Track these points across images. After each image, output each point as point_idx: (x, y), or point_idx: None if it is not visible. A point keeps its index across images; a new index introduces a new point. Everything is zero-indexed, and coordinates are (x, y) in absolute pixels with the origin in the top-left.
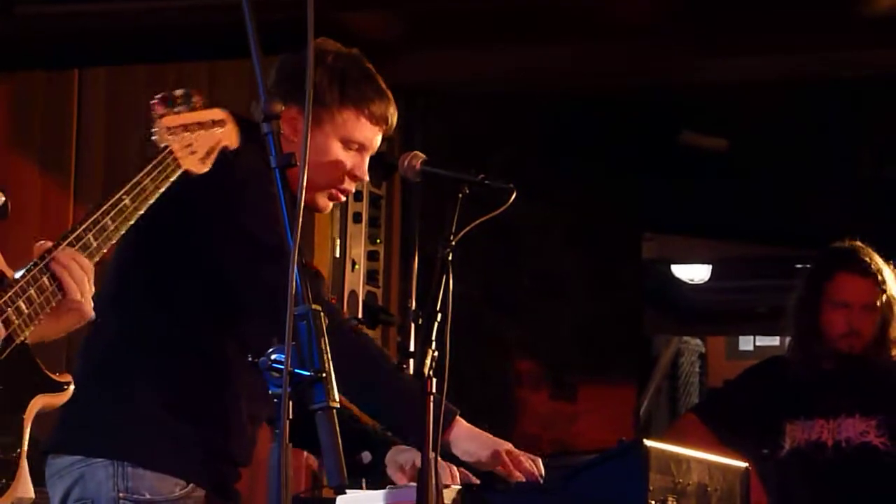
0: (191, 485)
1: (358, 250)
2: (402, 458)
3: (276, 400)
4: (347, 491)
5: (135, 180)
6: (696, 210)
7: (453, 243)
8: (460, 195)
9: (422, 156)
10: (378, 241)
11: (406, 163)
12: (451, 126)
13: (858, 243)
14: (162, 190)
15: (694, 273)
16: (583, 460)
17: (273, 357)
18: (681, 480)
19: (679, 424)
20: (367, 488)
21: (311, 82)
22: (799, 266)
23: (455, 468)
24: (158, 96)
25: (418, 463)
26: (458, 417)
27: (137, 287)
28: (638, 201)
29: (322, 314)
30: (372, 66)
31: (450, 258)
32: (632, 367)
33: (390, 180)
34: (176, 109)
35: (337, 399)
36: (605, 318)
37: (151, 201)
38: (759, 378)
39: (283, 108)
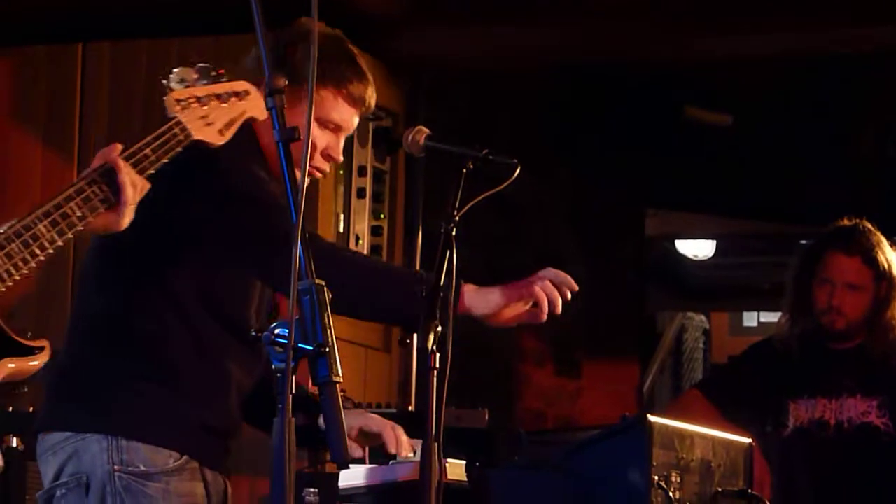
0: (184, 457)
1: (362, 225)
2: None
3: (278, 375)
4: (350, 465)
5: (132, 149)
6: (699, 186)
7: (457, 218)
8: (464, 170)
9: (426, 130)
10: (381, 216)
11: (410, 137)
12: (453, 102)
13: (862, 222)
14: (164, 160)
15: (698, 249)
16: (586, 436)
17: (276, 332)
18: (684, 456)
19: (683, 400)
20: (370, 462)
21: (314, 60)
22: (803, 242)
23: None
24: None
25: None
26: (464, 285)
27: (124, 264)
28: (641, 177)
29: (325, 289)
30: (354, 48)
31: (453, 233)
32: (635, 344)
33: (394, 155)
34: (189, 83)
35: (340, 374)
36: (608, 295)
37: (151, 171)
38: (763, 355)
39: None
